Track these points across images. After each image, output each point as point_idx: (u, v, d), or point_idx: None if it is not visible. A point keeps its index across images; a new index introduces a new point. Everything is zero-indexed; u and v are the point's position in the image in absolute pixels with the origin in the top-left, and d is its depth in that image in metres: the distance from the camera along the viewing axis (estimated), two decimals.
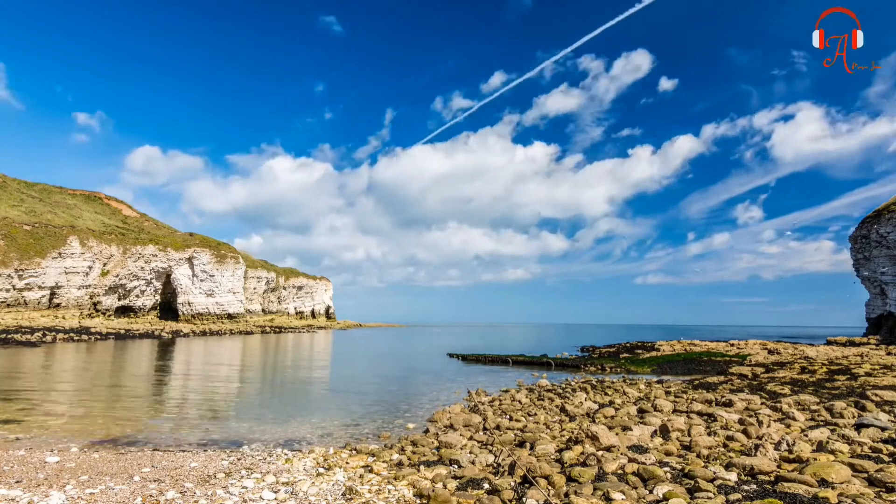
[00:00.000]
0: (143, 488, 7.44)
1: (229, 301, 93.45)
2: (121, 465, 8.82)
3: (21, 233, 67.72)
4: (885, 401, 13.59)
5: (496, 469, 8.47)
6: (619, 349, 46.00)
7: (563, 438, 10.57)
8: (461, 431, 11.73)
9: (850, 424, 10.97)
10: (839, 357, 29.10)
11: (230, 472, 8.46)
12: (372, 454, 9.83)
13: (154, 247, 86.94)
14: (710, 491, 6.64)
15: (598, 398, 17.03)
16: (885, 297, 61.16)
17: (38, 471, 8.22)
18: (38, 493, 7.04)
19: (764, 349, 39.02)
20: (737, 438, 9.84)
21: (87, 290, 74.38)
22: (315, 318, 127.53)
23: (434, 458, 9.28)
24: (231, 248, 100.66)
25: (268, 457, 9.67)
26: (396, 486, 7.63)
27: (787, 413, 12.47)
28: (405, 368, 31.90)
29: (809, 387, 17.81)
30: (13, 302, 63.63)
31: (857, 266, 65.84)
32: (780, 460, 7.99)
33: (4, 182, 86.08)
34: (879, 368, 21.85)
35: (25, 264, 64.77)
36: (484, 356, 36.58)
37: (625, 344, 52.24)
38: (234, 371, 27.98)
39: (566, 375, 26.48)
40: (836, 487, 6.54)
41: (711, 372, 25.97)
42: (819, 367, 23.16)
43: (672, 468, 7.82)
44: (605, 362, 30.86)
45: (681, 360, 31.84)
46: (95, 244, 76.39)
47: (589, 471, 7.55)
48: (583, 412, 13.99)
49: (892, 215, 59.84)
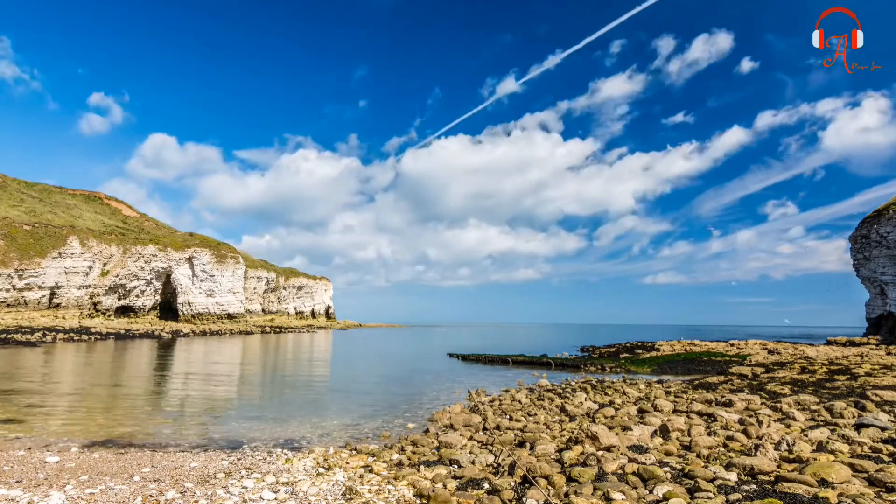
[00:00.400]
0: (143, 488, 7.44)
1: (229, 301, 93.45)
2: (121, 465, 8.82)
3: (21, 233, 67.72)
4: (885, 401, 13.58)
5: (496, 469, 8.47)
6: (619, 349, 46.00)
7: (563, 438, 10.57)
8: (461, 431, 11.73)
9: (850, 424, 10.96)
10: (839, 357, 29.10)
11: (230, 472, 8.46)
12: (372, 454, 9.82)
13: (154, 247, 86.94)
14: (710, 491, 6.64)
15: (598, 398, 17.03)
16: (885, 297, 61.15)
17: (38, 471, 8.22)
18: (38, 493, 7.04)
19: (764, 349, 39.01)
20: (737, 438, 9.84)
21: (87, 290, 74.39)
22: (315, 318, 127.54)
23: (434, 458, 9.28)
24: (231, 248, 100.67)
25: (268, 457, 9.67)
26: (396, 486, 7.63)
27: (787, 413, 12.47)
28: (405, 368, 31.90)
29: (809, 387, 17.81)
30: (13, 302, 63.63)
31: (857, 266, 65.83)
32: (780, 460, 7.99)
33: (4, 182, 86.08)
34: (879, 368, 21.84)
35: (25, 264, 64.77)
36: (484, 356, 36.58)
37: (625, 344, 52.24)
38: (234, 371, 27.97)
39: (566, 375, 26.48)
40: (836, 487, 6.53)
41: (711, 372, 25.97)
42: (819, 367, 23.16)
43: (672, 468, 7.82)
44: (605, 362, 30.86)
45: (681, 360, 31.84)
46: (95, 244, 76.39)
47: (589, 471, 7.55)
48: (583, 412, 13.99)
49: (892, 215, 59.84)
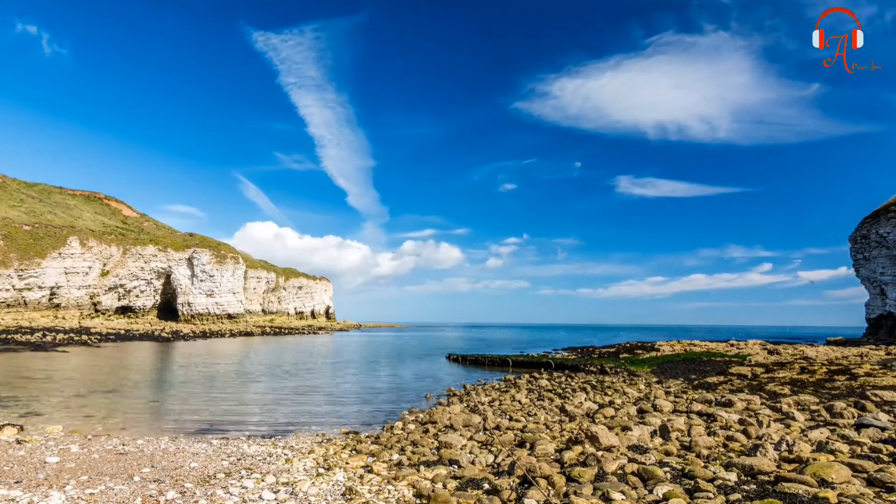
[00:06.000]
0: (143, 488, 7.44)
1: (229, 301, 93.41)
2: (121, 465, 8.82)
3: (21, 233, 67.71)
4: (884, 401, 13.58)
5: (496, 469, 8.47)
6: (619, 349, 45.99)
7: (563, 439, 10.58)
8: (461, 431, 11.73)
9: (849, 424, 10.97)
10: (839, 357, 29.11)
11: (230, 472, 8.46)
12: (372, 454, 9.83)
13: (154, 247, 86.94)
14: (710, 491, 6.64)
15: (598, 398, 17.03)
16: (885, 298, 61.15)
17: (38, 471, 8.22)
18: (38, 493, 7.03)
19: (764, 349, 39.02)
20: (737, 438, 9.84)
21: (87, 290, 74.38)
22: (315, 319, 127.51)
23: (434, 458, 9.28)
24: (231, 248, 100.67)
25: (268, 457, 9.67)
26: (396, 487, 7.63)
27: (787, 413, 12.47)
28: (405, 369, 31.89)
29: (809, 387, 17.81)
30: (13, 302, 63.61)
31: (857, 266, 65.84)
32: (780, 460, 7.99)
33: (4, 182, 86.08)
34: (879, 368, 21.85)
35: (25, 264, 64.76)
36: (484, 357, 36.59)
37: (625, 344, 52.28)
38: (234, 372, 27.96)
39: (566, 376, 26.47)
40: (836, 487, 6.54)
41: (711, 372, 25.95)
42: (819, 368, 23.16)
43: (672, 468, 7.82)
44: (605, 362, 30.84)
45: (681, 360, 31.83)
46: (95, 244, 76.39)
47: (589, 471, 7.55)
48: (583, 412, 13.99)
49: (891, 215, 59.85)
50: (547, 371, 29.14)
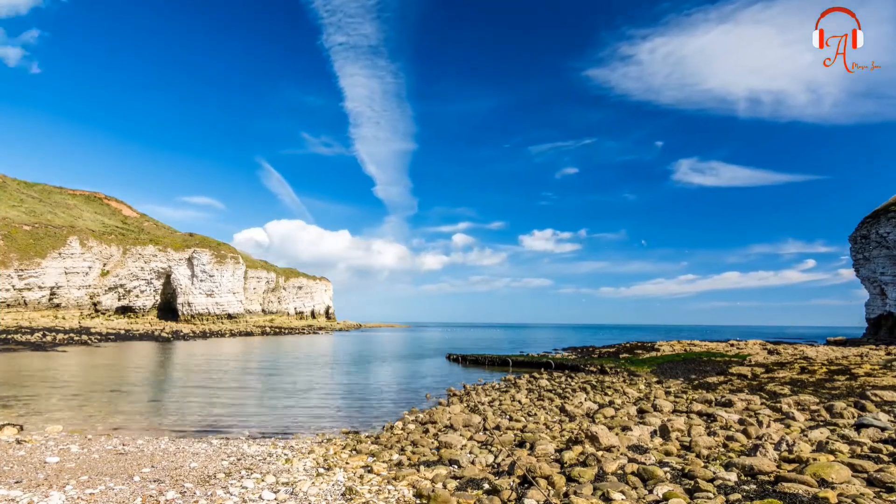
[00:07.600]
0: (143, 488, 7.44)
1: (229, 301, 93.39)
2: (121, 465, 8.82)
3: (21, 233, 67.70)
4: (884, 401, 13.58)
5: (496, 469, 8.47)
6: (619, 349, 45.98)
7: (563, 439, 10.58)
8: (461, 431, 11.73)
9: (849, 424, 10.96)
10: (839, 357, 29.11)
11: (230, 472, 8.45)
12: (372, 454, 9.82)
13: (154, 247, 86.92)
14: (710, 491, 6.64)
15: (598, 398, 17.03)
16: (885, 298, 61.15)
17: (38, 471, 8.22)
18: (38, 493, 7.03)
19: (764, 349, 39.01)
20: (737, 438, 9.84)
21: (87, 290, 74.36)
22: (315, 319, 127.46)
23: (434, 458, 9.28)
24: (231, 248, 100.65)
25: (268, 457, 9.67)
26: (396, 487, 7.63)
27: (786, 413, 12.47)
28: (405, 369, 31.90)
29: (809, 387, 17.81)
30: (13, 302, 63.60)
31: (857, 266, 65.84)
32: (780, 460, 7.99)
33: (4, 182, 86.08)
34: (879, 368, 21.84)
35: (25, 264, 64.75)
36: (484, 357, 36.60)
37: (625, 344, 52.28)
38: (234, 372, 27.96)
39: (566, 376, 26.47)
40: (836, 487, 6.53)
41: (711, 372, 25.95)
42: (819, 368, 23.16)
43: (672, 468, 7.82)
44: (605, 362, 30.85)
45: (681, 361, 31.83)
46: (95, 244, 76.37)
47: (589, 471, 7.55)
48: (583, 412, 13.99)
49: (891, 215, 59.85)
50: (547, 371, 29.15)
